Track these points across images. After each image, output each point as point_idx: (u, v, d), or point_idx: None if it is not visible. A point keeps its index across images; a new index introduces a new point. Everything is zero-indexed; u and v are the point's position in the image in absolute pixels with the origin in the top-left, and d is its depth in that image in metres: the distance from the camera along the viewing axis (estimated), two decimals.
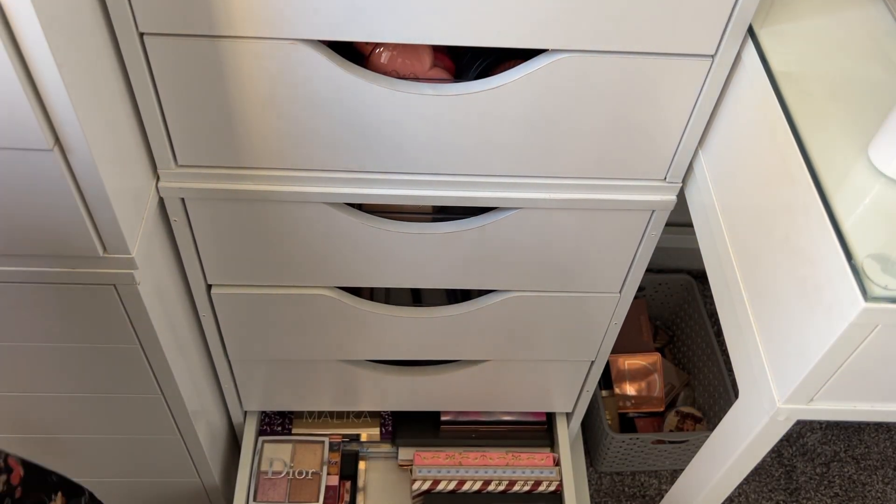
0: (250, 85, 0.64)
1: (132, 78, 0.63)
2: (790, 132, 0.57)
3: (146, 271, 0.69)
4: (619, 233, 0.80)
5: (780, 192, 0.58)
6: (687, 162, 0.73)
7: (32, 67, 0.50)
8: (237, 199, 0.74)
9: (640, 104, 0.68)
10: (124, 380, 0.80)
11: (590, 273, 0.86)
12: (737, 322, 0.64)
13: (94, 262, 0.65)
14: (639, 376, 1.25)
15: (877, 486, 1.27)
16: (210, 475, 1.01)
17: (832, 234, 0.50)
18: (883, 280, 0.47)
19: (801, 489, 1.25)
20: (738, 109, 0.66)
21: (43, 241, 0.63)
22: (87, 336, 0.74)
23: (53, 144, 0.55)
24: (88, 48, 0.56)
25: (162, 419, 0.87)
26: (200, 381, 0.94)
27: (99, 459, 0.96)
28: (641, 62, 0.64)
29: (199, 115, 0.66)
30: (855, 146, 0.56)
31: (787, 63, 0.62)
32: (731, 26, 0.61)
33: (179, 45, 0.61)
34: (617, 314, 0.93)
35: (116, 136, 0.62)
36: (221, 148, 0.70)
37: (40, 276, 0.66)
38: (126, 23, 0.59)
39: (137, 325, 0.72)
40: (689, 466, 0.77)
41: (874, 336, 0.50)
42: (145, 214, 0.69)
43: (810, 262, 0.53)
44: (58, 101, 0.52)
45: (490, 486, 1.08)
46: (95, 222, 0.62)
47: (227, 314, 0.88)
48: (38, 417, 0.87)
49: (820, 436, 1.32)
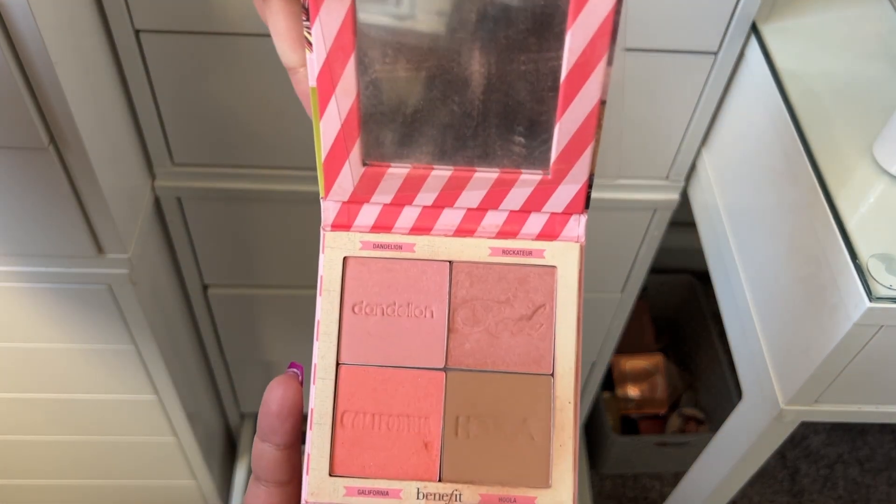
0: (248, 83, 0.64)
1: (128, 76, 0.62)
2: (794, 130, 0.56)
3: (142, 271, 0.69)
4: (620, 232, 0.80)
5: (784, 191, 0.58)
6: (690, 160, 0.73)
7: (28, 65, 0.50)
8: (234, 198, 0.73)
9: (642, 101, 0.67)
10: (119, 381, 0.80)
11: (591, 273, 0.85)
12: (740, 322, 0.64)
13: (88, 261, 0.65)
14: (641, 378, 1.24)
15: (881, 489, 1.26)
16: (206, 477, 1.00)
17: (836, 234, 0.50)
18: (888, 280, 0.47)
19: (804, 491, 1.25)
20: (741, 107, 0.66)
21: (37, 241, 0.63)
22: (81, 336, 0.74)
23: (48, 143, 0.54)
24: (84, 46, 0.56)
25: (157, 421, 0.86)
26: (196, 382, 0.94)
27: (93, 461, 0.96)
28: (643, 59, 0.63)
29: (195, 114, 0.66)
30: (859, 144, 0.56)
31: (791, 60, 0.61)
32: (734, 23, 0.61)
33: (176, 43, 0.61)
34: (619, 315, 0.92)
35: (112, 134, 0.62)
36: (219, 147, 0.69)
37: (34, 275, 0.66)
38: (122, 20, 0.58)
39: (133, 325, 0.72)
40: (692, 469, 0.76)
41: (879, 336, 0.49)
42: (141, 214, 0.69)
43: (814, 262, 0.53)
44: (53, 99, 0.52)
45: None
46: (90, 222, 0.62)
47: (223, 315, 0.88)
48: (31, 418, 0.86)
49: (824, 437, 1.31)
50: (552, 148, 0.28)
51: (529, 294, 0.29)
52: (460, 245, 0.29)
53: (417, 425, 0.28)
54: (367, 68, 0.26)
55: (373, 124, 0.28)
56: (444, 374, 0.28)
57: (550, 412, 0.28)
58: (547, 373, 0.28)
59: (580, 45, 0.25)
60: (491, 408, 0.28)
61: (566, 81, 0.26)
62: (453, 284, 0.29)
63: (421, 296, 0.29)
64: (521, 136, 0.28)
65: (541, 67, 0.26)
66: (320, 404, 0.28)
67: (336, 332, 0.29)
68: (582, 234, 0.30)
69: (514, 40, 0.26)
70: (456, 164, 0.28)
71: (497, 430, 0.28)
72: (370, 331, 0.29)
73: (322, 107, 0.27)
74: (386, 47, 0.26)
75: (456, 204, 0.29)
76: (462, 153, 0.28)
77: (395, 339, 0.29)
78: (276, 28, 0.27)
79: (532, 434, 0.28)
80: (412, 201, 0.29)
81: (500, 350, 0.29)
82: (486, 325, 0.29)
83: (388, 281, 0.29)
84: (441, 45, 0.26)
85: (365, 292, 0.29)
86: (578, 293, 0.29)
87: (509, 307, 0.29)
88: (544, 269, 0.30)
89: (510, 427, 0.28)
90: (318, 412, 0.28)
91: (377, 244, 0.29)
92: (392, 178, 0.29)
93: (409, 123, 0.28)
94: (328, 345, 0.29)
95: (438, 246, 0.29)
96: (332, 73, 0.26)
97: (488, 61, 0.26)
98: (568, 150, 0.27)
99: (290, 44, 0.27)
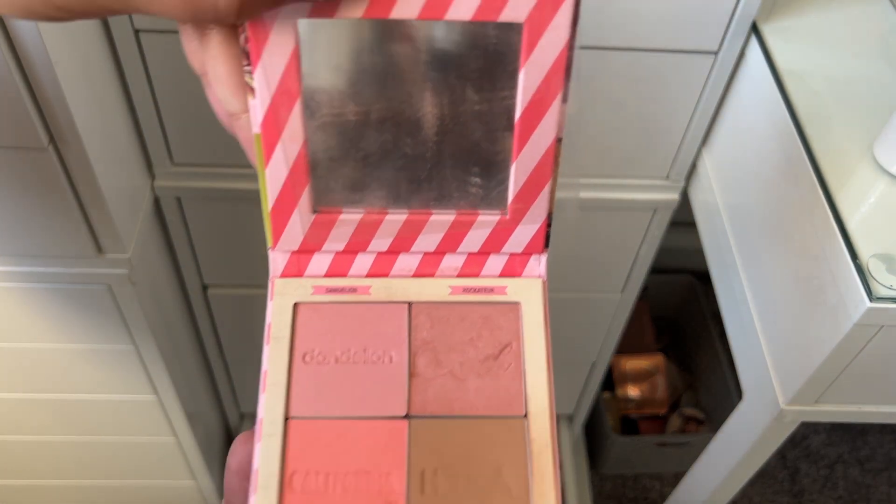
0: None
1: (128, 76, 0.62)
2: (794, 130, 0.56)
3: (141, 271, 0.68)
4: (620, 232, 0.80)
5: (785, 190, 0.58)
6: (690, 160, 0.73)
7: (27, 65, 0.50)
8: (234, 198, 0.73)
9: (642, 101, 0.67)
10: (119, 381, 0.80)
11: (591, 273, 0.85)
12: (740, 322, 0.64)
13: (88, 261, 0.65)
14: (641, 378, 1.24)
15: (881, 489, 1.26)
16: (206, 477, 1.00)
17: (837, 234, 0.50)
18: (888, 280, 0.47)
19: (805, 491, 1.25)
20: (741, 107, 0.66)
21: (37, 241, 0.62)
22: (81, 336, 0.73)
23: (48, 143, 0.54)
24: (84, 45, 0.56)
25: (157, 421, 0.86)
26: (196, 382, 0.94)
27: (92, 461, 0.95)
28: (643, 59, 0.63)
29: (195, 113, 0.66)
30: (860, 144, 0.56)
31: (792, 60, 0.61)
32: (734, 23, 0.61)
33: (176, 43, 0.60)
34: (619, 315, 0.92)
35: (112, 134, 0.62)
36: (219, 146, 0.69)
37: (34, 275, 0.66)
38: (122, 20, 0.58)
39: (132, 325, 0.72)
40: (693, 469, 0.76)
41: (879, 337, 0.49)
42: (141, 214, 0.69)
43: (814, 262, 0.53)
44: (53, 99, 0.52)
45: None
46: (90, 222, 0.62)
47: (223, 315, 0.88)
48: (31, 418, 0.86)
49: (824, 438, 1.31)
50: (509, 188, 0.27)
51: (494, 333, 0.27)
52: (419, 285, 0.28)
53: (378, 483, 0.25)
54: (314, 112, 0.25)
55: (322, 170, 0.26)
56: (406, 422, 0.26)
57: (527, 458, 0.25)
58: (519, 415, 0.26)
59: (534, 83, 0.24)
60: (460, 458, 0.25)
61: (521, 120, 0.25)
62: (413, 327, 0.27)
63: (378, 340, 0.27)
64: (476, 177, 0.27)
65: (494, 107, 0.25)
66: (265, 465, 0.25)
67: (285, 382, 0.26)
68: (543, 272, 0.29)
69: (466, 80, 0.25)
70: (411, 207, 0.27)
71: (469, 483, 0.25)
72: (323, 380, 0.26)
73: (267, 154, 0.26)
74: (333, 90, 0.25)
75: (412, 248, 0.28)
76: (417, 196, 0.27)
77: (351, 388, 0.26)
78: (215, 73, 0.25)
79: (509, 486, 0.25)
80: (366, 248, 0.28)
81: (467, 393, 0.26)
82: (451, 367, 0.27)
83: (341, 326, 0.27)
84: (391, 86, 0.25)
85: (317, 339, 0.27)
86: (545, 329, 0.27)
87: (474, 347, 0.27)
88: (508, 307, 0.28)
89: (483, 479, 0.25)
90: (263, 474, 0.25)
91: (330, 288, 0.28)
92: (344, 224, 0.27)
93: (360, 168, 0.27)
94: (276, 397, 0.26)
95: (396, 287, 0.28)
96: (278, 119, 0.25)
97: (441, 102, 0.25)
98: (525, 190, 0.27)
99: (232, 90, 0.25)
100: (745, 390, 0.63)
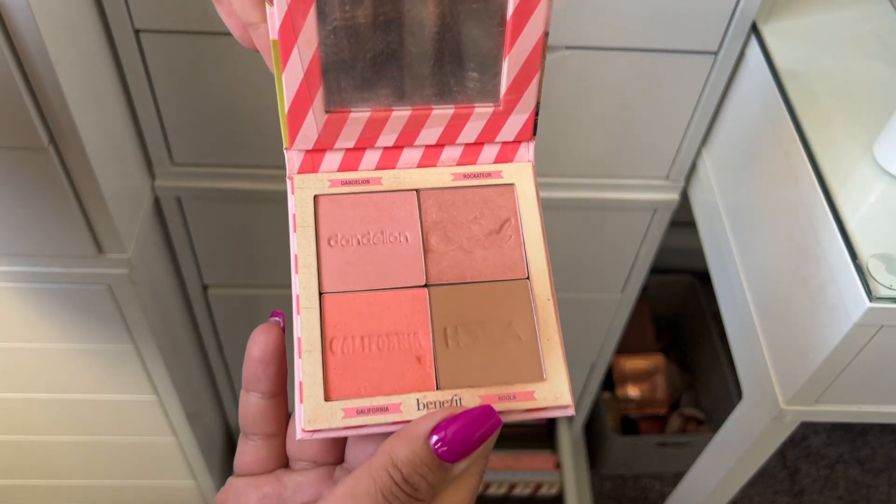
0: (248, 83, 0.64)
1: (128, 75, 0.62)
2: (794, 130, 0.56)
3: (141, 271, 0.68)
4: (620, 232, 0.80)
5: (784, 190, 0.58)
6: (690, 160, 0.73)
7: (27, 65, 0.50)
8: (234, 198, 0.73)
9: (643, 101, 0.67)
10: (119, 381, 0.80)
11: (591, 273, 0.85)
12: (740, 322, 0.64)
13: (88, 261, 0.65)
14: (641, 378, 1.24)
15: (881, 489, 1.26)
16: (206, 477, 1.00)
17: (836, 234, 0.50)
18: (888, 280, 0.47)
19: (805, 491, 1.25)
20: (741, 107, 0.66)
21: (37, 241, 0.62)
22: (81, 336, 0.73)
23: (48, 143, 0.54)
24: (84, 45, 0.56)
25: (157, 421, 0.86)
26: (196, 382, 0.94)
27: (92, 461, 0.95)
28: (643, 59, 0.63)
29: (195, 113, 0.66)
30: (859, 144, 0.56)
31: (791, 60, 0.61)
32: (734, 23, 0.61)
33: (176, 42, 0.60)
34: (619, 315, 0.92)
35: (112, 134, 0.62)
36: (219, 146, 0.69)
37: (34, 275, 0.66)
38: (122, 20, 0.58)
39: (132, 325, 0.72)
40: (693, 469, 0.76)
41: (879, 337, 0.49)
42: (141, 214, 0.69)
43: (814, 262, 0.53)
44: (53, 99, 0.52)
45: (490, 489, 1.08)
46: (90, 222, 0.62)
47: (223, 315, 0.88)
48: (31, 418, 0.86)
49: (824, 438, 1.31)
50: (502, 81, 0.30)
51: (494, 211, 0.31)
52: (424, 175, 0.31)
53: (408, 341, 0.29)
54: (326, 17, 0.28)
55: (334, 72, 0.29)
56: (426, 290, 0.30)
57: (532, 311, 0.29)
58: (523, 277, 0.30)
59: None
60: (476, 316, 0.29)
61: (513, 17, 0.28)
62: (423, 210, 0.31)
63: (393, 223, 0.30)
64: (473, 72, 0.30)
65: (490, 5, 0.28)
66: (307, 333, 0.28)
67: (315, 264, 0.29)
68: (532, 157, 0.32)
69: None
70: (414, 103, 0.30)
71: (485, 335, 0.29)
72: (348, 260, 0.30)
73: (284, 59, 0.28)
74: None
75: (416, 142, 0.31)
76: (419, 93, 0.30)
77: (374, 265, 0.30)
78: None
79: (519, 334, 0.29)
80: (374, 143, 0.31)
81: (476, 263, 0.30)
82: (459, 242, 0.31)
83: (359, 213, 0.30)
84: None
85: (339, 226, 0.30)
86: (538, 205, 0.31)
87: (478, 225, 0.31)
88: (504, 188, 0.32)
89: (497, 331, 0.29)
90: (307, 340, 0.28)
91: (345, 181, 0.31)
92: (354, 122, 0.30)
93: (368, 68, 0.29)
94: (308, 276, 0.29)
95: (403, 177, 0.31)
96: (294, 25, 0.27)
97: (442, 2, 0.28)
98: (517, 82, 0.30)
99: (251, 1, 0.28)
100: (745, 390, 0.63)
